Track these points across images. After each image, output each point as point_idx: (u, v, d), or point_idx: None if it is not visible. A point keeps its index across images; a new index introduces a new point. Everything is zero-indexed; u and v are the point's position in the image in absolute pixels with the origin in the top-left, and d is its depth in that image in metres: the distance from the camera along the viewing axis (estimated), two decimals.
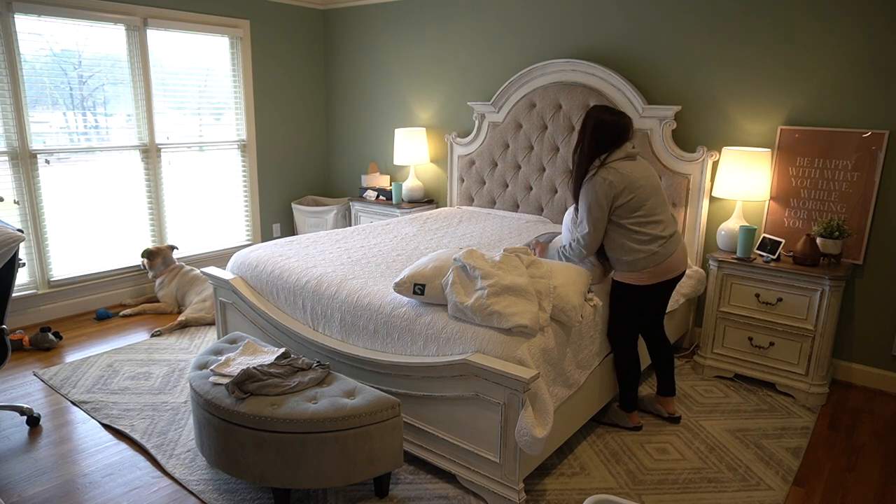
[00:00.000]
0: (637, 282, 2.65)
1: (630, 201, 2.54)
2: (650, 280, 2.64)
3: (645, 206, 2.57)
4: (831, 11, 3.22)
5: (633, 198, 2.54)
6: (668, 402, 2.98)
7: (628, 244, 2.59)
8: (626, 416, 2.89)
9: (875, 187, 3.22)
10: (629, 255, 2.60)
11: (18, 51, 3.88)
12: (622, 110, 2.64)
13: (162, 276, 4.44)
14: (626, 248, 2.60)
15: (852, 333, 3.43)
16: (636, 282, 2.65)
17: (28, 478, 2.49)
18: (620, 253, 2.63)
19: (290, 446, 2.16)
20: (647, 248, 2.58)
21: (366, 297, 2.69)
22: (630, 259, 2.61)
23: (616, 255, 2.65)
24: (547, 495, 2.41)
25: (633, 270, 2.63)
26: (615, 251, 2.65)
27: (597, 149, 2.58)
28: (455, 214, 4.42)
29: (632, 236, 2.59)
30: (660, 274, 2.64)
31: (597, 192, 2.53)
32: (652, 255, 2.59)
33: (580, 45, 4.11)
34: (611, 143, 2.57)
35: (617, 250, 2.64)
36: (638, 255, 2.59)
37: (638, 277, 2.64)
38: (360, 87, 5.50)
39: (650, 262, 2.60)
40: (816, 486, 2.53)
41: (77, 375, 3.36)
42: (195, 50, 4.80)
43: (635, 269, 2.62)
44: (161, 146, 4.68)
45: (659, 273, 2.63)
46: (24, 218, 4.05)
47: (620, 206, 2.55)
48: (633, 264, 2.61)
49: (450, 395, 2.35)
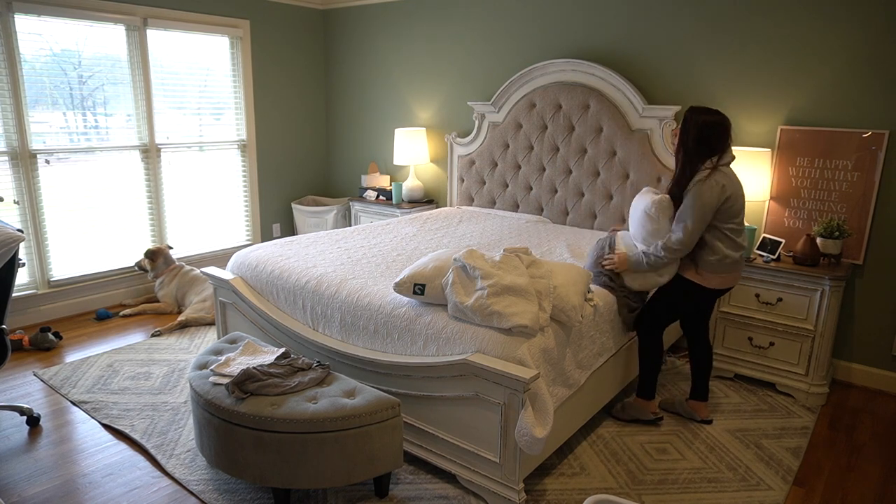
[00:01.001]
0: (707, 283, 2.67)
1: (732, 207, 2.57)
2: (719, 284, 2.68)
3: (741, 215, 2.62)
4: (831, 11, 3.22)
5: (735, 204, 2.57)
6: (701, 407, 2.96)
7: (719, 246, 2.61)
8: (644, 405, 2.92)
9: (875, 187, 3.22)
10: (714, 256, 2.62)
11: (18, 51, 3.88)
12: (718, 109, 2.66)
13: (162, 276, 4.44)
14: (715, 250, 2.62)
15: (852, 333, 3.43)
16: (706, 283, 2.67)
17: (28, 478, 2.49)
18: (707, 253, 2.63)
19: (290, 446, 2.16)
20: (733, 254, 2.63)
21: (366, 297, 2.69)
22: (713, 260, 2.62)
23: (701, 254, 2.65)
24: (547, 495, 2.41)
25: (710, 272, 2.65)
26: (703, 250, 2.64)
27: (706, 150, 2.58)
28: (455, 214, 4.42)
29: (725, 241, 2.61)
30: (730, 281, 2.69)
31: (710, 195, 2.52)
32: (734, 262, 2.64)
33: (580, 45, 4.11)
34: (718, 143, 2.57)
35: (705, 249, 2.64)
36: (725, 260, 2.62)
37: (710, 280, 2.66)
38: (360, 87, 5.50)
39: (730, 269, 2.65)
40: (816, 486, 2.53)
41: (77, 375, 3.36)
42: (195, 50, 4.80)
43: (713, 272, 2.64)
44: (161, 146, 4.68)
45: (728, 280, 2.68)
46: (24, 218, 4.05)
47: (724, 211, 2.56)
48: (714, 266, 2.63)
49: (450, 395, 2.35)
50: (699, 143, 2.58)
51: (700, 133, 2.57)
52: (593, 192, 4.06)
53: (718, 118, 2.59)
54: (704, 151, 2.58)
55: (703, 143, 2.57)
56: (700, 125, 2.58)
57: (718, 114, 2.61)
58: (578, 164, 4.10)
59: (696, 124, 2.59)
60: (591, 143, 4.01)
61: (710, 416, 2.99)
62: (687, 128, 2.61)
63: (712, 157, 2.58)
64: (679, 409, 3.02)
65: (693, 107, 2.65)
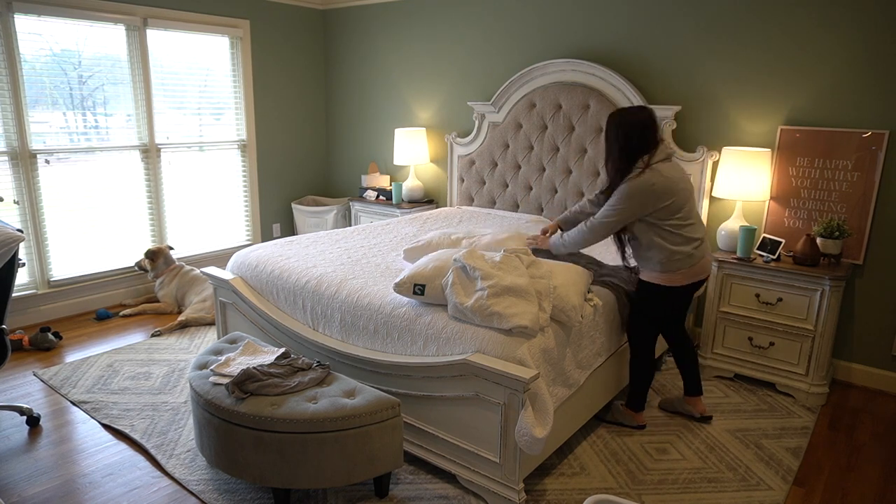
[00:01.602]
0: (669, 283, 2.63)
1: (671, 204, 2.51)
2: (683, 281, 2.62)
3: (684, 209, 2.55)
4: (831, 11, 3.22)
5: (673, 201, 2.51)
6: (697, 401, 2.96)
7: (665, 245, 2.57)
8: (632, 415, 2.90)
9: (875, 187, 3.22)
10: (664, 255, 2.58)
11: (18, 51, 3.88)
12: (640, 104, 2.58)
13: (162, 277, 4.44)
14: (662, 249, 2.58)
15: (852, 333, 3.43)
16: (668, 283, 2.63)
17: (28, 478, 2.49)
18: (655, 253, 2.60)
19: (290, 446, 2.16)
20: (683, 249, 2.57)
21: (366, 297, 2.69)
22: (664, 259, 2.58)
23: (650, 255, 2.62)
24: (547, 495, 2.41)
25: (666, 271, 2.61)
26: (651, 251, 2.61)
27: (631, 151, 2.53)
28: (455, 214, 4.42)
29: (669, 238, 2.56)
30: (692, 275, 2.63)
31: (640, 194, 2.49)
32: (688, 256, 2.58)
33: (580, 45, 4.11)
34: (641, 139, 2.52)
35: (652, 250, 2.60)
36: (674, 256, 2.57)
37: (671, 279, 2.62)
38: (360, 87, 5.50)
39: (685, 264, 2.59)
40: (816, 486, 2.53)
41: (77, 375, 3.36)
42: (195, 50, 4.80)
43: (669, 271, 2.60)
44: (161, 146, 4.68)
45: (691, 274, 2.62)
46: (24, 218, 4.05)
47: (661, 209, 2.51)
48: (667, 265, 2.59)
49: (450, 395, 2.35)
50: (624, 146, 2.53)
51: (621, 135, 2.53)
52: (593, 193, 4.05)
53: (640, 116, 2.54)
54: (630, 153, 2.53)
55: (627, 144, 2.53)
56: (618, 126, 2.55)
57: (641, 111, 2.56)
58: (578, 165, 4.10)
59: (615, 127, 2.56)
60: (591, 143, 4.01)
61: (708, 410, 2.99)
62: (608, 132, 2.59)
63: (643, 157, 2.52)
64: (678, 408, 3.02)
65: (614, 111, 2.62)
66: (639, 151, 2.53)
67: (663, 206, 2.51)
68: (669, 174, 2.52)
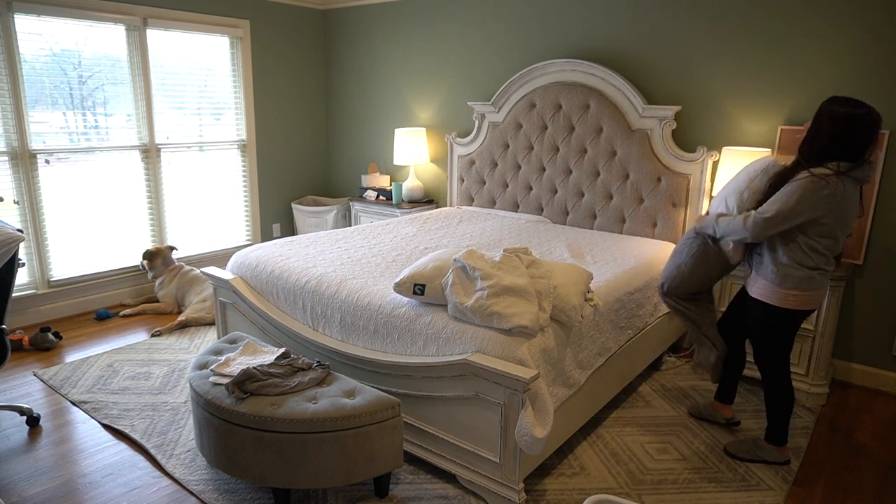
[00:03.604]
0: (781, 303, 2.40)
1: (828, 225, 2.26)
2: (794, 305, 2.39)
3: (835, 239, 2.31)
4: (832, 11, 3.22)
5: (833, 223, 2.25)
6: (727, 408, 2.92)
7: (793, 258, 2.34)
8: (774, 449, 2.63)
9: (875, 187, 3.22)
10: (785, 269, 2.36)
11: (18, 51, 3.88)
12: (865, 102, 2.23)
13: (162, 277, 4.44)
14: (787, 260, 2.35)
15: (852, 333, 3.43)
16: (780, 303, 2.40)
17: (28, 478, 2.49)
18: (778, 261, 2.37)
19: (290, 446, 2.16)
20: (808, 272, 2.34)
21: (366, 297, 2.69)
22: (784, 272, 2.36)
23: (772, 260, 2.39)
24: (547, 495, 2.41)
25: (780, 287, 2.37)
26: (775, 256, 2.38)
27: (837, 150, 2.22)
28: (455, 214, 4.42)
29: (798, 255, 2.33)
30: (805, 301, 2.39)
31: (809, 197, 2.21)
32: (807, 279, 2.34)
33: (580, 45, 4.11)
34: (859, 146, 2.20)
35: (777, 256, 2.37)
36: (794, 272, 2.34)
37: (783, 297, 2.39)
38: (360, 87, 5.50)
39: (802, 285, 2.35)
40: (816, 486, 2.53)
41: (77, 375, 3.36)
42: (195, 50, 4.80)
43: (784, 287, 2.37)
44: (161, 146, 4.68)
45: (805, 300, 2.38)
46: (24, 218, 4.05)
47: (816, 225, 2.26)
48: (784, 279, 2.36)
49: (450, 395, 2.35)
50: (831, 142, 2.21)
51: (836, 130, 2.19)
52: (593, 192, 4.06)
53: (865, 111, 2.19)
54: (834, 152, 2.22)
55: (838, 141, 2.20)
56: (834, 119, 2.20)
57: (865, 107, 2.20)
58: (578, 164, 4.10)
59: (830, 118, 2.22)
60: (591, 143, 4.01)
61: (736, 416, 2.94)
62: (820, 120, 2.26)
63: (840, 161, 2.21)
64: (705, 413, 2.98)
65: (835, 97, 2.27)
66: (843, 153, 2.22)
67: (820, 220, 2.25)
68: (849, 193, 2.24)
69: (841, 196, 2.23)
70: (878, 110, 2.21)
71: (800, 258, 2.34)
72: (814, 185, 2.21)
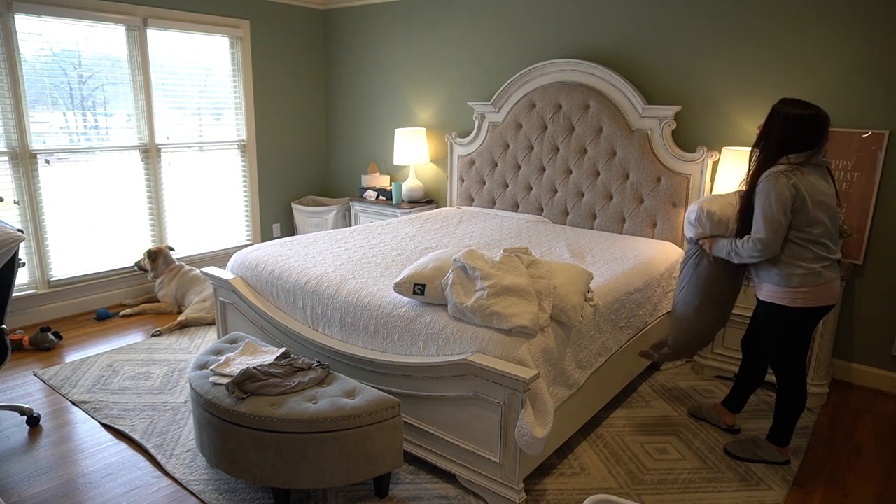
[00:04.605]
0: (790, 303, 2.39)
1: (806, 214, 2.31)
2: (806, 302, 2.38)
3: (822, 226, 2.33)
4: (831, 11, 3.22)
5: (810, 211, 2.30)
6: (731, 415, 2.89)
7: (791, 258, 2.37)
8: (776, 449, 2.63)
9: (875, 187, 3.22)
10: (787, 269, 2.37)
11: (18, 51, 3.88)
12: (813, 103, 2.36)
13: (162, 277, 4.44)
14: (786, 261, 2.37)
15: (852, 333, 3.43)
16: (790, 303, 2.39)
17: (28, 478, 2.49)
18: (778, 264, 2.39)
19: (290, 446, 2.16)
20: (811, 266, 2.35)
21: (366, 297, 2.69)
22: (787, 273, 2.37)
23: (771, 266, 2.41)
24: (547, 495, 2.41)
25: (788, 287, 2.37)
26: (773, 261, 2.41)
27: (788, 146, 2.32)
28: (455, 214, 4.42)
29: (796, 251, 2.36)
30: (815, 298, 2.37)
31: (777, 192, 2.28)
32: (813, 274, 2.34)
33: (580, 45, 4.11)
34: (807, 141, 2.31)
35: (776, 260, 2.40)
36: (796, 270, 2.35)
37: (793, 297, 2.38)
38: (360, 87, 5.50)
39: (809, 281, 2.35)
40: (816, 486, 2.53)
41: (77, 375, 3.36)
42: (195, 50, 4.80)
43: (791, 286, 2.37)
44: (161, 146, 4.68)
45: (814, 296, 2.37)
46: (24, 218, 4.05)
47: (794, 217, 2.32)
48: (789, 279, 2.37)
49: (450, 395, 2.35)
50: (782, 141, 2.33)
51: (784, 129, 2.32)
52: (593, 192, 4.06)
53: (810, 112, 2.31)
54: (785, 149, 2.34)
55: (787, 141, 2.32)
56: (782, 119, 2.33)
57: (812, 107, 2.32)
58: (578, 164, 4.10)
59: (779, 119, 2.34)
60: (591, 143, 4.01)
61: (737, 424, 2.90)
62: (770, 122, 2.38)
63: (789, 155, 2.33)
64: (706, 415, 2.97)
65: (783, 98, 2.39)
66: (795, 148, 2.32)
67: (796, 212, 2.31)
68: (812, 180, 2.32)
69: (807, 182, 2.31)
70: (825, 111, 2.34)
71: (798, 253, 2.36)
72: (777, 181, 2.30)
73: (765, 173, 2.34)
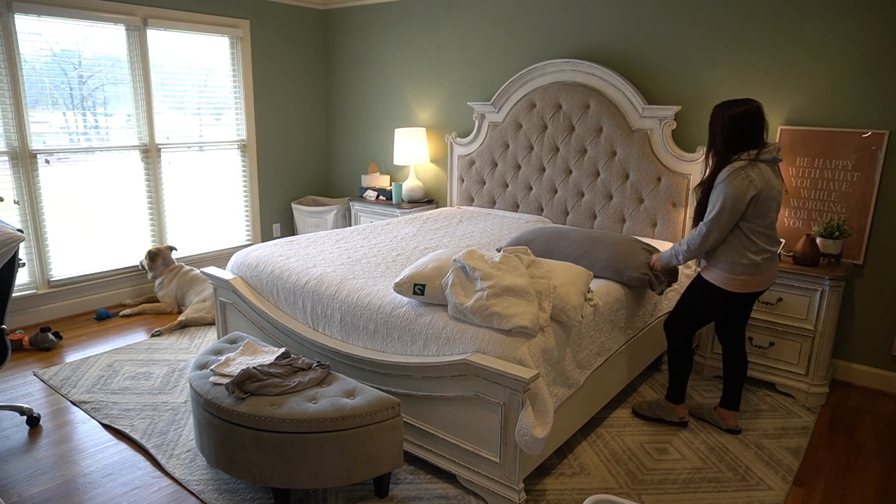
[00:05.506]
0: (728, 287, 2.60)
1: (759, 206, 2.47)
2: (741, 288, 2.59)
3: (768, 217, 2.51)
4: (831, 11, 3.22)
5: (763, 204, 2.47)
6: (731, 415, 2.90)
7: (738, 248, 2.54)
8: (672, 408, 2.91)
9: (875, 187, 3.22)
10: (733, 257, 2.55)
11: (18, 51, 3.88)
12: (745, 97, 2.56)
13: (162, 277, 4.44)
14: (734, 251, 2.55)
15: (852, 333, 3.43)
16: (727, 286, 2.60)
17: (28, 478, 2.49)
18: (726, 254, 2.57)
19: (290, 446, 2.16)
20: (754, 258, 2.54)
21: (366, 297, 2.69)
22: (732, 260, 2.56)
23: (719, 255, 2.60)
24: (547, 495, 2.41)
25: (730, 274, 2.58)
26: (722, 251, 2.59)
27: (737, 145, 2.49)
28: (455, 214, 4.42)
29: (744, 241, 2.53)
30: (753, 285, 2.60)
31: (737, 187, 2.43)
32: (754, 265, 2.55)
33: (580, 45, 4.11)
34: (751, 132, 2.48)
35: (725, 251, 2.58)
36: (741, 261, 2.54)
37: (731, 283, 2.59)
38: (360, 87, 5.50)
39: (749, 271, 2.56)
40: (816, 486, 2.53)
41: (77, 375, 3.36)
42: (195, 50, 4.80)
43: (733, 274, 2.57)
44: (161, 146, 4.68)
45: (753, 284, 2.59)
46: (24, 218, 4.05)
47: (748, 210, 2.48)
48: (733, 266, 2.56)
49: (450, 395, 2.35)
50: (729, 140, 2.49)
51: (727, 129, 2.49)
52: (593, 192, 4.06)
53: (742, 107, 2.48)
54: (735, 146, 2.49)
55: (735, 138, 2.48)
56: (724, 122, 2.50)
57: (743, 102, 2.50)
58: (578, 164, 4.10)
59: (720, 122, 2.52)
60: (591, 143, 4.01)
61: (739, 425, 2.91)
62: (712, 127, 2.56)
63: (750, 151, 2.47)
64: (706, 416, 2.97)
65: (718, 104, 2.58)
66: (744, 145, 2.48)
67: (752, 204, 2.46)
68: (769, 176, 2.48)
69: (761, 177, 2.47)
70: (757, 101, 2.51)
71: (745, 244, 2.54)
72: (736, 175, 2.46)
73: (725, 169, 2.50)
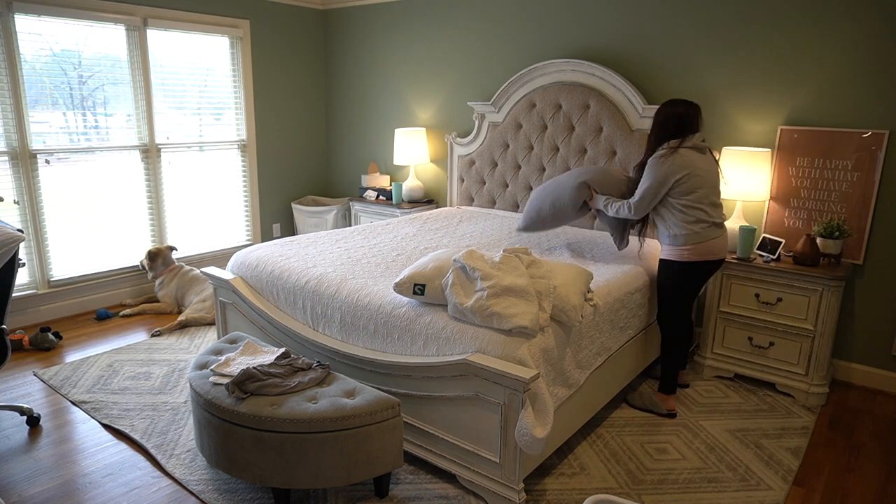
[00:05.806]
0: (679, 258, 2.89)
1: (685, 184, 2.80)
2: (691, 257, 2.87)
3: (697, 193, 2.82)
4: (831, 11, 3.22)
5: (688, 182, 2.80)
6: (668, 399, 3.01)
7: (676, 221, 2.86)
8: (662, 400, 3.02)
9: (875, 187, 3.22)
10: (675, 231, 2.87)
11: (18, 51, 3.88)
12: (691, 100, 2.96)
13: (162, 277, 4.44)
14: (673, 224, 2.87)
15: (852, 333, 3.43)
16: (679, 258, 2.89)
17: (28, 478, 2.49)
18: (667, 227, 2.90)
19: (290, 446, 2.16)
20: (692, 227, 2.84)
21: (366, 297, 2.69)
22: (674, 233, 2.87)
23: (663, 230, 2.93)
24: (547, 495, 2.41)
25: (675, 245, 2.88)
26: (663, 224, 2.92)
27: (664, 136, 2.87)
28: (455, 214, 4.42)
29: (679, 216, 2.84)
30: (700, 253, 2.86)
31: (659, 171, 2.82)
32: (694, 234, 2.84)
33: (580, 45, 4.11)
34: (676, 130, 2.85)
35: (665, 224, 2.91)
36: (681, 231, 2.85)
37: (680, 254, 2.88)
38: (360, 87, 5.50)
39: (691, 240, 2.84)
40: (816, 486, 2.53)
41: (77, 375, 3.36)
42: (195, 50, 4.80)
43: (678, 245, 2.87)
44: (161, 146, 4.68)
45: (699, 252, 2.86)
46: (24, 218, 4.05)
47: (676, 188, 2.82)
48: (676, 238, 2.87)
49: (450, 395, 2.35)
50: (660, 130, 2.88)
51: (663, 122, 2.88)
52: None
53: (680, 109, 2.86)
54: (662, 137, 2.88)
55: (663, 131, 2.88)
56: (664, 115, 2.89)
57: (684, 104, 2.87)
58: (578, 164, 4.09)
59: (662, 114, 2.90)
60: (591, 143, 4.01)
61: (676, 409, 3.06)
62: (655, 116, 2.93)
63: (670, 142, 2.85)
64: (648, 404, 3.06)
65: (668, 100, 2.93)
66: (669, 137, 2.86)
67: (677, 183, 2.80)
68: (691, 159, 2.81)
69: (684, 161, 2.80)
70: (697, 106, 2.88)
71: (680, 217, 2.85)
72: (660, 160, 2.83)
73: (653, 156, 2.89)
